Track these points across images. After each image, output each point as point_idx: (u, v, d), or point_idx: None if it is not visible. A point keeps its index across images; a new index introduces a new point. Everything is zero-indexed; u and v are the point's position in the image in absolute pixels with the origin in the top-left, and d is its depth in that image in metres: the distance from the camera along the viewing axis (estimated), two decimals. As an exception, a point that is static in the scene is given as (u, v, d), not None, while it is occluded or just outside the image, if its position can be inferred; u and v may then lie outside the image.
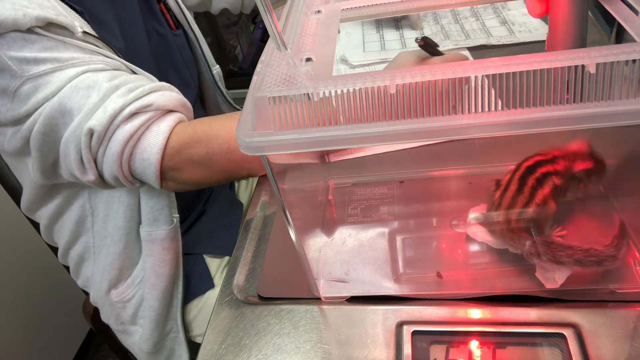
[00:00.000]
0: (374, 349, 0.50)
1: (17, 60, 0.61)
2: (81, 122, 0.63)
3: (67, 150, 0.65)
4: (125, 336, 0.91)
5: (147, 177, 0.68)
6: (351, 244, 0.61)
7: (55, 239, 0.87)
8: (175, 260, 0.82)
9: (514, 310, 0.50)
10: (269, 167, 0.43)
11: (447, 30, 1.01)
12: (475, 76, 0.35)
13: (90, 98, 0.63)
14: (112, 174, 0.67)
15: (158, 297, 0.82)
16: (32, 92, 0.62)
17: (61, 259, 0.90)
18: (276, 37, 0.41)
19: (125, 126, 0.64)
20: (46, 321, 1.43)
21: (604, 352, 0.46)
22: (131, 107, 0.63)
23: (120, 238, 0.79)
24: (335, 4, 0.56)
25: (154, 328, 0.84)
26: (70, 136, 0.64)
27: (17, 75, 0.62)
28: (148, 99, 0.65)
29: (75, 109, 0.63)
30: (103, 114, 0.62)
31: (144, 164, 0.66)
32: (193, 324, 0.89)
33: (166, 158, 0.66)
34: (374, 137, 0.38)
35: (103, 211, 0.79)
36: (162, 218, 0.78)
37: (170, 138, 0.66)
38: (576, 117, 0.35)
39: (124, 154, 0.65)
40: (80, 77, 0.63)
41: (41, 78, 0.62)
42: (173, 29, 0.92)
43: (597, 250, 0.51)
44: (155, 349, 0.86)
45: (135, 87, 0.65)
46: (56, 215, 0.82)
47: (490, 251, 0.57)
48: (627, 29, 0.41)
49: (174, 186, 0.71)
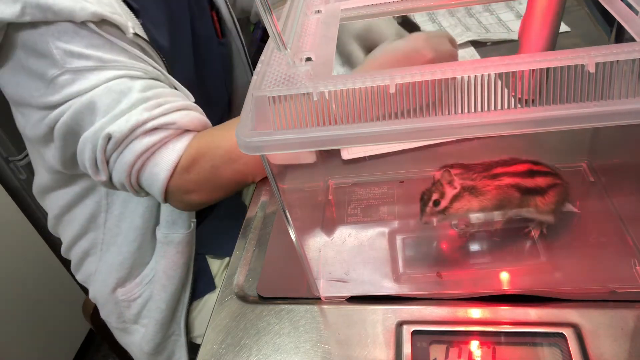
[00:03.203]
0: (374, 348, 0.50)
1: (63, 51, 0.62)
2: (103, 125, 0.64)
3: (83, 148, 0.66)
4: (124, 335, 0.91)
5: (152, 191, 0.68)
6: (351, 244, 0.61)
7: (62, 230, 0.87)
8: (187, 265, 0.83)
9: (514, 310, 0.50)
10: (268, 167, 0.43)
11: (464, 22, 1.01)
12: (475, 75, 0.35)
13: (120, 104, 0.64)
14: (119, 181, 0.67)
15: (166, 300, 0.82)
16: (67, 84, 0.64)
17: (64, 253, 0.90)
18: (276, 37, 0.41)
19: (144, 139, 0.64)
20: (46, 321, 1.43)
21: (604, 352, 0.46)
22: (154, 122, 0.64)
23: (135, 238, 0.79)
24: (335, 4, 0.56)
25: (158, 330, 0.84)
26: (89, 135, 0.65)
27: (59, 65, 0.63)
28: (172, 117, 0.66)
29: (102, 110, 0.64)
30: (125, 123, 0.63)
31: (152, 178, 0.67)
32: (194, 324, 0.89)
33: (175, 177, 0.67)
34: (374, 137, 0.38)
35: (119, 209, 0.79)
36: (181, 222, 0.78)
37: (183, 156, 0.67)
38: (576, 116, 0.35)
39: (135, 166, 0.65)
40: (116, 81, 0.64)
41: (80, 73, 0.63)
42: (220, 37, 0.93)
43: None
44: (155, 351, 0.86)
45: (164, 102, 0.66)
46: (69, 206, 0.82)
47: (490, 251, 0.57)
48: (627, 29, 0.41)
49: (177, 205, 0.72)
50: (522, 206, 0.54)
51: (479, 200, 0.54)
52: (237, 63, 0.99)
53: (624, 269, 0.52)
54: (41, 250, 1.43)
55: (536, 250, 0.55)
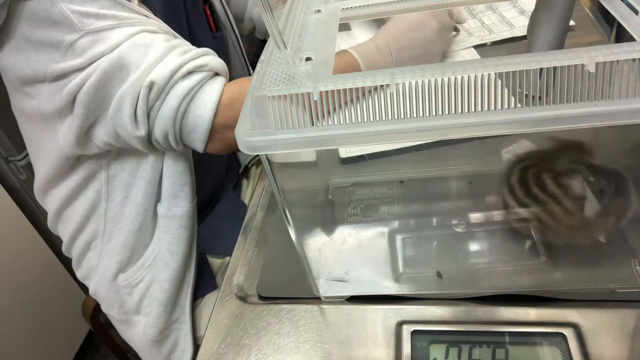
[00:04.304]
0: (374, 348, 0.50)
1: (79, 13, 0.63)
2: (141, 76, 0.65)
3: (121, 104, 0.66)
4: (127, 327, 0.90)
5: (197, 135, 0.70)
6: (351, 244, 0.61)
7: (62, 227, 0.87)
8: (190, 241, 0.83)
9: (514, 310, 0.50)
10: (269, 166, 0.43)
11: (467, 27, 1.00)
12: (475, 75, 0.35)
13: (149, 55, 0.65)
14: (163, 130, 0.69)
15: (169, 279, 0.81)
16: (89, 46, 0.64)
17: (65, 250, 0.90)
18: (276, 36, 0.41)
19: (183, 82, 0.67)
20: (46, 321, 1.43)
21: (604, 352, 0.46)
22: (189, 66, 0.67)
23: (138, 216, 0.80)
24: (335, 4, 0.56)
25: (162, 312, 0.83)
26: (127, 89, 0.65)
27: (77, 29, 0.63)
28: (203, 59, 0.69)
29: (133, 64, 0.65)
30: (164, 69, 0.65)
31: (196, 120, 0.69)
32: (194, 324, 0.89)
33: (219, 114, 0.69)
34: (373, 137, 0.38)
35: (121, 194, 0.79)
36: (183, 195, 0.79)
37: (222, 95, 0.69)
38: (576, 116, 0.35)
39: (180, 109, 0.67)
40: (138, 36, 0.66)
41: (100, 33, 0.64)
42: (213, 31, 0.94)
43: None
44: (159, 337, 0.85)
45: (190, 49, 0.69)
46: (70, 198, 0.82)
47: (490, 251, 0.57)
48: (627, 29, 0.41)
49: (219, 147, 0.73)
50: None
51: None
52: (234, 57, 0.99)
53: (624, 268, 0.52)
54: (41, 250, 1.43)
55: (536, 250, 0.55)
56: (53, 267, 1.46)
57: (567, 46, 0.40)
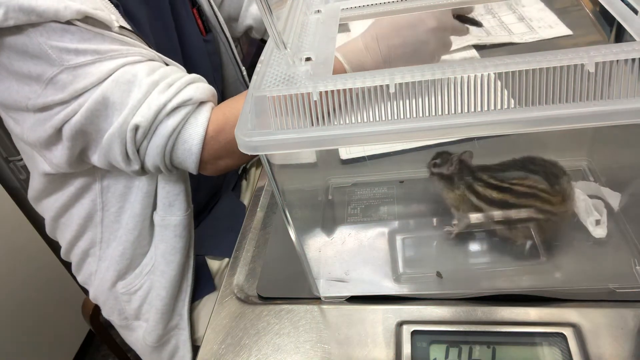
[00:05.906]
0: (374, 348, 0.50)
1: (58, 49, 0.62)
2: (127, 118, 0.65)
3: (111, 144, 0.67)
4: (128, 332, 0.90)
5: (187, 165, 0.70)
6: (351, 244, 0.61)
7: (60, 233, 0.87)
8: (186, 250, 0.83)
9: (514, 310, 0.50)
10: (269, 166, 0.43)
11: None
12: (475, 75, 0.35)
13: (132, 93, 0.65)
14: (154, 164, 0.69)
15: (166, 286, 0.81)
16: (70, 81, 0.64)
17: (64, 255, 0.90)
18: (276, 37, 0.41)
19: (168, 121, 0.66)
20: (46, 321, 1.43)
21: (604, 352, 0.46)
22: (172, 103, 0.66)
23: (135, 226, 0.80)
24: (335, 4, 0.56)
25: (160, 319, 0.83)
26: (115, 131, 0.65)
27: (57, 64, 0.62)
28: (187, 93, 0.68)
29: (117, 104, 0.65)
30: (148, 110, 0.65)
31: (185, 154, 0.69)
32: (193, 325, 0.89)
33: (206, 147, 0.69)
34: (373, 137, 0.38)
35: (116, 204, 0.79)
36: (178, 204, 0.79)
37: (208, 127, 0.69)
38: (576, 116, 0.35)
39: (167, 147, 0.68)
40: (120, 71, 0.65)
41: (81, 68, 0.63)
42: (203, 34, 0.93)
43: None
44: (159, 343, 0.86)
45: (173, 82, 0.68)
46: (65, 208, 0.82)
47: (490, 251, 0.57)
48: (626, 29, 0.41)
49: (211, 172, 0.74)
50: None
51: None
52: (226, 59, 0.99)
53: (624, 268, 0.52)
54: (41, 250, 1.43)
55: (536, 250, 0.55)
56: (53, 267, 1.46)
57: (567, 46, 0.40)
